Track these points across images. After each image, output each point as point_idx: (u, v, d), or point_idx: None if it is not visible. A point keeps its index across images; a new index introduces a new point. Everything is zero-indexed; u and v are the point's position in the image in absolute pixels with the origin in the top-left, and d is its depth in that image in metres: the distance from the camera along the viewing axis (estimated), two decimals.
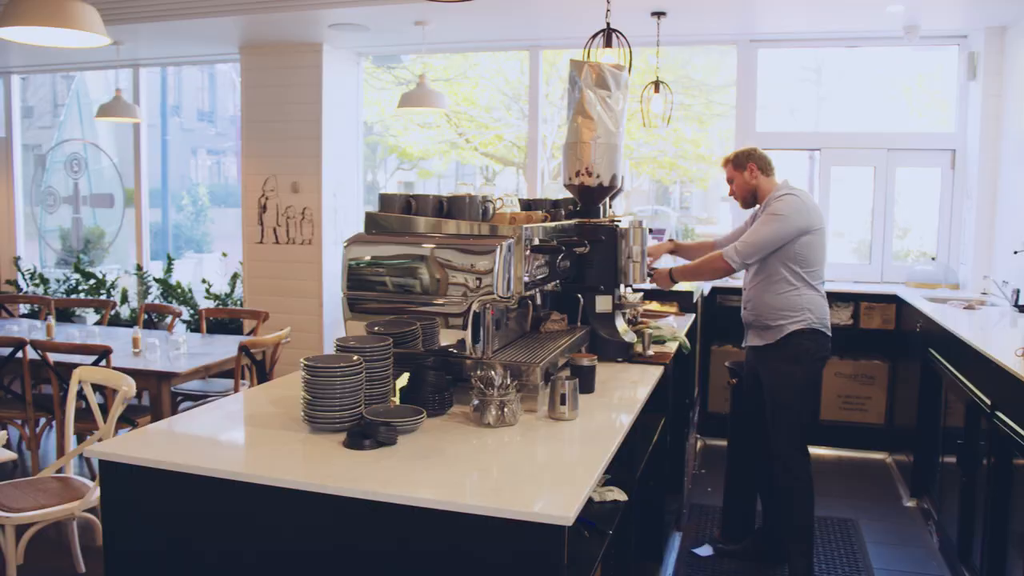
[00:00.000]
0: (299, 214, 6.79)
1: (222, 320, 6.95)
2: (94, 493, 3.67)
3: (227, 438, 2.47)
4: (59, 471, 3.93)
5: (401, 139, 10.83)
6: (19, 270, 8.46)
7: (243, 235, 7.03)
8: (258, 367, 4.94)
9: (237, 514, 2.10)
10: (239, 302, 7.30)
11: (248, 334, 6.04)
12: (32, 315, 7.65)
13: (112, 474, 2.21)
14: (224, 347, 5.26)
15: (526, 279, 2.66)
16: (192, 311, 7.39)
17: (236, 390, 4.81)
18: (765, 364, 3.98)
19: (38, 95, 9.88)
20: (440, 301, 2.60)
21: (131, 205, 8.30)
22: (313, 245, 6.76)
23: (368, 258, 2.65)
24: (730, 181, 4.09)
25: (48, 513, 3.56)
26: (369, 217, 2.71)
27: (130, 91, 7.76)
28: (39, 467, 5.06)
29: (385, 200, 2.72)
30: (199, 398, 5.40)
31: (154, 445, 2.32)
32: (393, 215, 2.71)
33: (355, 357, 2.34)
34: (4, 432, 3.59)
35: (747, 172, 4.00)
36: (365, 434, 2.22)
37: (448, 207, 2.72)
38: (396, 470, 2.10)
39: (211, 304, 7.30)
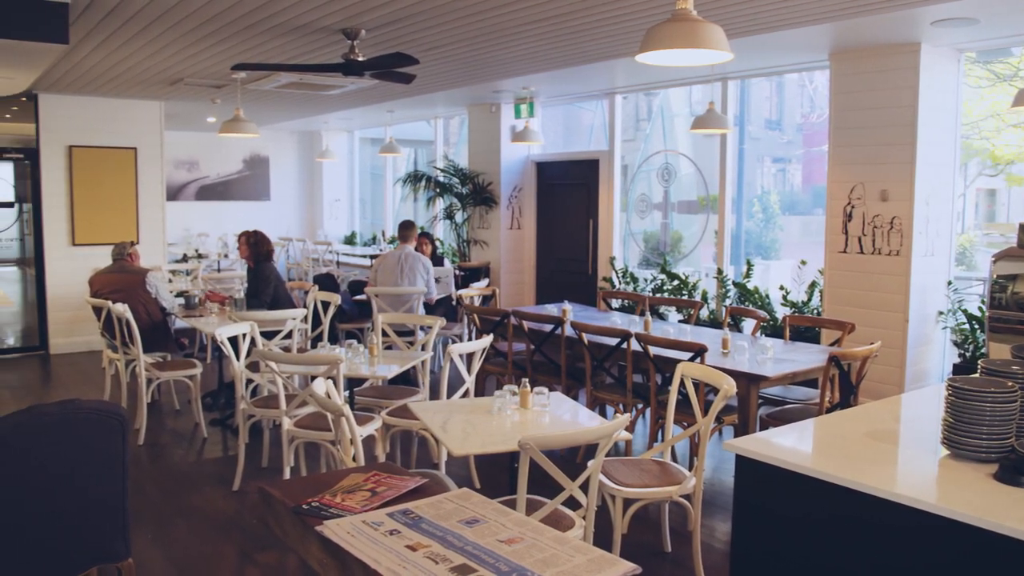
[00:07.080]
0: (887, 223, 6.50)
1: (799, 327, 6.97)
2: (690, 481, 3.91)
3: (856, 450, 2.46)
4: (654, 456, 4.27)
5: (993, 141, 9.78)
6: (614, 269, 9.47)
7: (826, 243, 6.95)
8: (843, 379, 4.85)
9: (862, 526, 2.09)
10: (815, 311, 7.26)
11: (832, 344, 5.96)
12: (622, 309, 8.45)
13: (746, 467, 2.36)
14: (807, 355, 5.26)
15: None
16: (770, 317, 7.52)
17: (821, 400, 4.78)
18: None
19: (623, 112, 10.92)
20: None
21: (709, 211, 8.76)
22: (901, 257, 6.42)
23: (1019, 274, 2.43)
24: None
25: (650, 492, 3.88)
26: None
27: (718, 103, 8.18)
28: (632, 449, 5.57)
29: None
30: (779, 403, 5.48)
31: (784, 447, 2.41)
32: None
33: (1009, 383, 2.16)
34: (628, 415, 4.03)
35: None
36: (1020, 469, 2.04)
37: None
38: None
39: (787, 311, 7.36)
